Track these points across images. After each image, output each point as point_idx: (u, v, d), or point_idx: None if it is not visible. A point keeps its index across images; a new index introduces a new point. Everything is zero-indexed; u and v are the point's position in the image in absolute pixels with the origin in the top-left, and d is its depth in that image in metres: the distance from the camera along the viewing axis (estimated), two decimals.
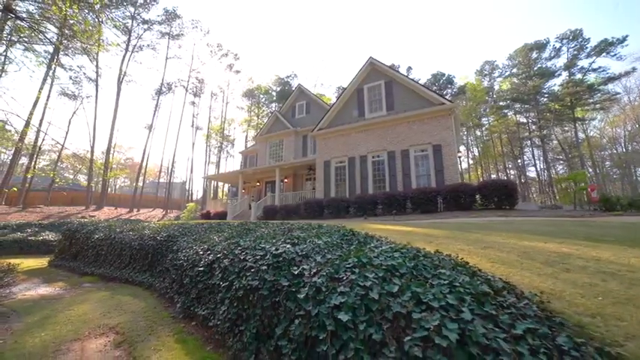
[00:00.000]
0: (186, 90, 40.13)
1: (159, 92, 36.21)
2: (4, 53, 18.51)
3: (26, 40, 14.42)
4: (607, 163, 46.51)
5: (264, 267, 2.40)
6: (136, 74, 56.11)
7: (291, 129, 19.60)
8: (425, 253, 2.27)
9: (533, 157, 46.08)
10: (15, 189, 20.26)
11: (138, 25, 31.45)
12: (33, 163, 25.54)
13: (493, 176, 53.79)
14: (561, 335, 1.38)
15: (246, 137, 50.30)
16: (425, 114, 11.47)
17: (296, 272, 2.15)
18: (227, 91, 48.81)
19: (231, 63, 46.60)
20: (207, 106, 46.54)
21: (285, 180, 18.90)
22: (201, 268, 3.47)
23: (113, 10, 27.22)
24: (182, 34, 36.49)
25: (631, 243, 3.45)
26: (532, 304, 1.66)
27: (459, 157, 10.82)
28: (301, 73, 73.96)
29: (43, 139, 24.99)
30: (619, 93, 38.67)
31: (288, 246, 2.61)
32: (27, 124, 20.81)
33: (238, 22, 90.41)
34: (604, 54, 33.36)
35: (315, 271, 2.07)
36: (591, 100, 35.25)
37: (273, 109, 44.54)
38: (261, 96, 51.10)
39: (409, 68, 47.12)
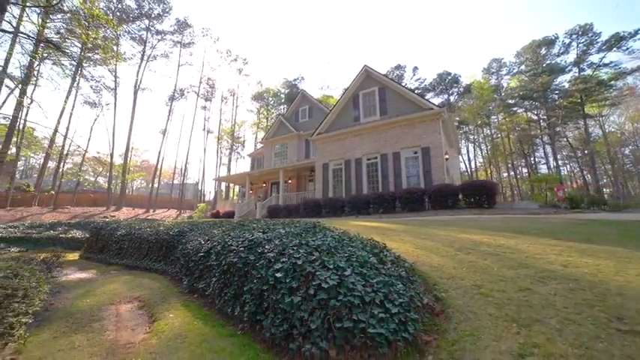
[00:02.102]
0: (198, 95, 41.98)
1: (172, 98, 38.14)
2: (37, 68, 20.47)
3: (54, 55, 16.15)
4: (626, 160, 45.21)
5: (242, 248, 3.38)
6: (150, 82, 59.02)
7: (294, 133, 20.64)
8: (350, 238, 3.19)
9: (545, 154, 45.31)
10: (53, 192, 22.24)
11: (152, 35, 33.35)
12: (62, 167, 27.69)
13: (504, 174, 53.11)
14: (400, 284, 2.28)
15: (256, 139, 51.85)
16: (415, 118, 12.22)
17: (260, 251, 3.11)
18: (237, 95, 50.49)
19: (240, 68, 48.25)
20: (218, 110, 48.40)
21: (289, 181, 19.95)
22: (202, 254, 4.48)
23: (130, 24, 29.05)
24: (193, 43, 38.29)
25: (544, 234, 4.22)
26: (402, 270, 2.57)
27: (446, 158, 11.52)
28: (308, 76, 75.24)
29: (70, 146, 27.07)
30: (634, 87, 37.75)
31: (260, 234, 3.58)
32: (55, 131, 22.78)
33: (247, 26, 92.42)
34: (615, 48, 32.69)
35: (271, 249, 3.03)
36: (601, 96, 34.52)
37: (282, 110, 45.80)
38: (270, 99, 52.51)
39: (415, 68, 47.31)
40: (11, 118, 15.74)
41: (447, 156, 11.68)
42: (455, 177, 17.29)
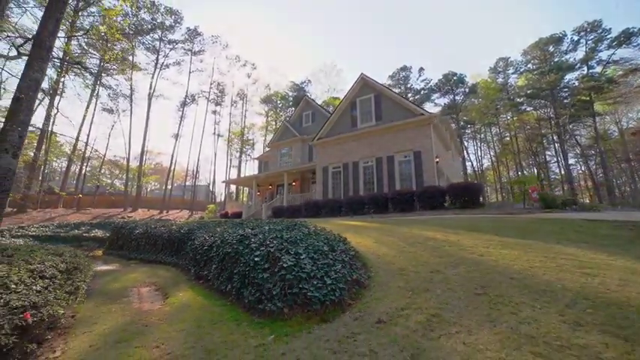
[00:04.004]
0: (208, 100, 43.65)
1: (183, 104, 39.87)
2: (62, 80, 22.27)
3: (76, 68, 17.70)
4: None
5: (234, 241, 4.30)
6: (163, 89, 61.17)
7: (298, 137, 21.59)
8: (317, 233, 4.06)
9: (556, 153, 44.52)
10: (80, 195, 24.01)
11: (165, 45, 35.07)
12: (84, 171, 29.64)
13: (511, 174, 52.35)
14: (339, 266, 3.14)
15: (265, 141, 53.13)
16: (407, 124, 12.91)
17: (247, 243, 4.02)
18: (246, 98, 52.03)
19: (249, 72, 49.79)
20: (228, 113, 49.99)
21: (294, 183, 20.91)
22: (206, 247, 5.43)
23: (145, 36, 30.73)
24: (203, 50, 39.90)
25: (491, 231, 4.94)
26: (346, 256, 3.42)
27: (437, 161, 12.16)
28: (315, 79, 75.81)
29: (91, 151, 28.99)
30: None
31: (249, 230, 4.50)
32: (77, 139, 24.53)
33: (254, 30, 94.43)
34: (624, 45, 32.09)
35: (255, 241, 3.93)
36: (612, 94, 33.86)
37: (290, 113, 46.95)
38: (278, 102, 53.79)
39: (421, 69, 47.52)
40: (41, 128, 17.37)
41: (437, 159, 12.31)
42: (453, 178, 17.79)
